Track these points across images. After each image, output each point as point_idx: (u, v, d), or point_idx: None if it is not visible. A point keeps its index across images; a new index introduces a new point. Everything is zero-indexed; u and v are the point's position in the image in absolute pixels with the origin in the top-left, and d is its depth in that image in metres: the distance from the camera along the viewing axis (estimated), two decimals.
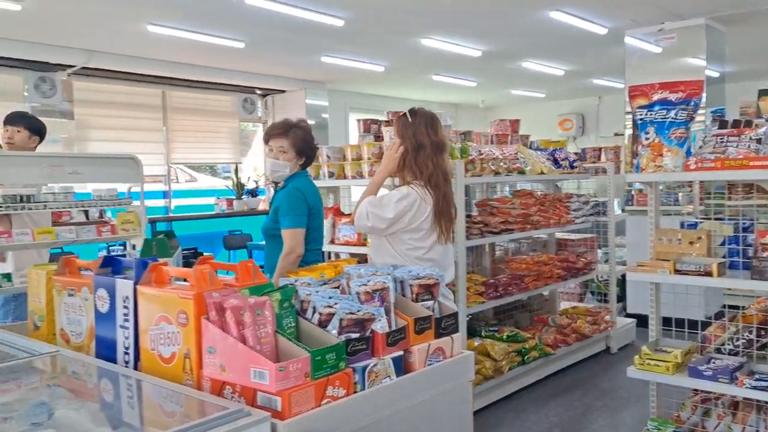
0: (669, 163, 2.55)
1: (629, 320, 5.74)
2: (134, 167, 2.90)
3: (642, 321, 5.82)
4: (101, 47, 6.66)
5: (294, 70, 8.38)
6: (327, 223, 3.91)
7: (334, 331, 1.64)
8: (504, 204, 4.40)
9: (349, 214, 3.98)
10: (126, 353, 1.86)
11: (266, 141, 3.21)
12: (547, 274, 4.64)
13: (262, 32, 6.12)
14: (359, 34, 6.31)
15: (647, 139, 2.61)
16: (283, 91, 9.28)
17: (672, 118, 2.52)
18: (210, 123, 8.88)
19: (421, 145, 2.79)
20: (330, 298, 1.71)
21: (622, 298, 6.17)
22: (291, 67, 8.09)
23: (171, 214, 8.28)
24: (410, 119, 2.78)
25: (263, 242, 3.24)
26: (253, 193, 8.58)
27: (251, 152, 9.71)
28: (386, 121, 4.31)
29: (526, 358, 4.29)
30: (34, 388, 1.79)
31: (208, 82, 8.38)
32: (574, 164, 5.16)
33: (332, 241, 3.90)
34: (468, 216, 3.96)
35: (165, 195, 8.36)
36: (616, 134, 11.45)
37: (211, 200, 8.50)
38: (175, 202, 8.52)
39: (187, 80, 8.12)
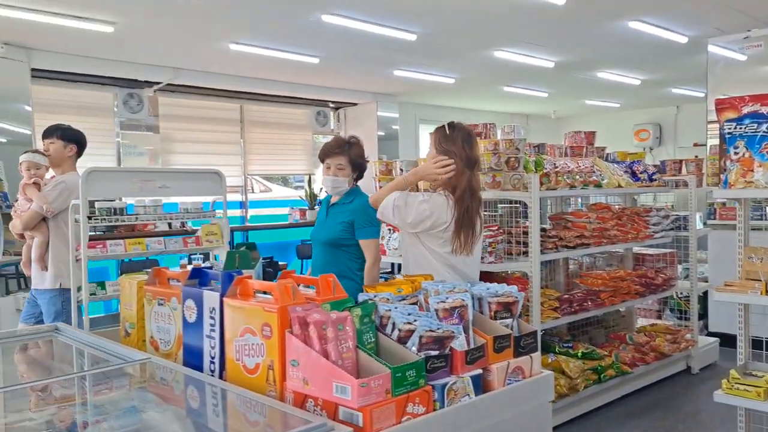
0: (761, 179, 2.43)
1: (712, 339, 5.48)
2: (218, 181, 3.02)
3: (726, 340, 5.56)
4: (185, 65, 6.98)
5: (366, 84, 8.51)
6: (399, 236, 3.93)
7: (414, 348, 1.65)
8: (579, 218, 4.30)
9: None
10: (212, 362, 1.94)
11: (322, 159, 3.30)
12: (625, 290, 4.50)
13: (337, 48, 6.26)
14: (432, 48, 6.35)
15: (736, 153, 2.50)
16: (355, 104, 9.42)
17: (764, 132, 2.41)
18: (284, 135, 9.12)
19: (468, 158, 2.79)
20: (409, 314, 1.73)
21: (703, 315, 5.91)
22: (363, 80, 8.22)
23: (247, 224, 8.54)
24: (448, 132, 2.77)
25: None
26: None
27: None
28: None
29: (602, 376, 4.16)
30: (127, 393, 1.89)
31: (284, 97, 8.62)
32: (653, 177, 4.99)
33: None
34: (542, 230, 3.90)
35: (242, 205, 8.64)
36: (696, 144, 11.01)
37: (284, 210, 8.71)
38: (251, 212, 8.79)
39: (264, 95, 8.38)
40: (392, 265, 6.55)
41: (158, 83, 7.26)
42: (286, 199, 9.86)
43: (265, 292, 1.84)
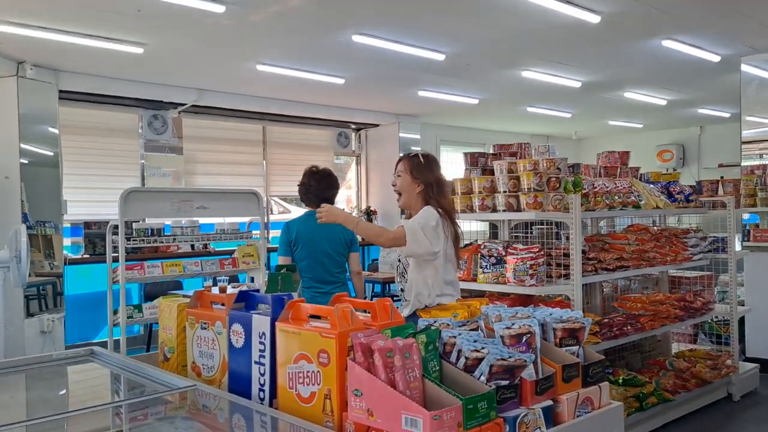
0: None
1: (751, 365, 5.30)
2: (255, 201, 2.96)
3: (765, 366, 5.38)
4: (210, 86, 7.00)
5: (389, 104, 8.49)
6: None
7: (483, 378, 1.56)
8: (617, 239, 4.19)
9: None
10: (261, 389, 1.85)
11: None
12: (664, 314, 4.36)
13: (364, 68, 6.24)
14: (459, 68, 6.31)
15: None
16: (377, 125, 9.39)
17: None
18: (306, 156, 9.07)
19: (440, 182, 3.06)
20: (475, 341, 1.63)
21: (740, 340, 5.73)
22: (386, 101, 8.20)
23: (269, 245, 8.47)
24: (423, 160, 3.03)
25: None
26: None
27: (344, 185, 9.85)
28: (493, 154, 4.24)
29: (644, 403, 4.02)
30: (176, 423, 1.80)
31: (306, 118, 8.61)
32: (690, 198, 4.88)
33: None
34: (582, 252, 3.79)
35: (260, 226, 8.57)
36: (721, 165, 10.86)
37: None
38: (272, 234, 8.73)
39: (286, 116, 8.37)
40: None
41: (182, 104, 7.27)
42: None
43: (318, 317, 1.75)
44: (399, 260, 3.10)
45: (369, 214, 9.35)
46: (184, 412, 1.85)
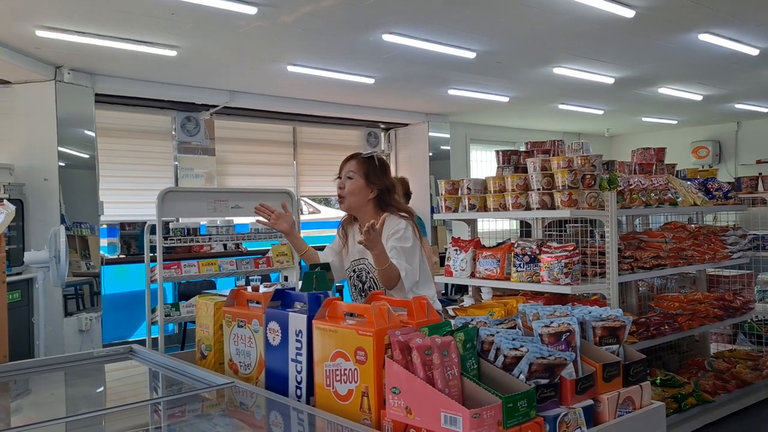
0: None
1: None
2: (289, 201, 2.97)
3: None
4: (242, 87, 7.06)
5: (418, 104, 8.47)
6: (467, 256, 3.82)
7: (522, 376, 1.54)
8: (654, 237, 4.12)
9: (490, 248, 3.88)
10: (298, 387, 1.86)
11: None
12: (702, 313, 4.27)
13: (394, 68, 6.23)
14: (490, 66, 6.27)
15: None
16: (406, 125, 9.38)
17: None
18: (336, 157, 9.07)
19: (394, 186, 2.80)
20: (514, 339, 1.62)
21: None
22: (416, 100, 8.18)
23: None
24: (378, 163, 2.75)
25: None
26: None
27: None
28: (526, 152, 4.20)
29: (683, 405, 3.94)
30: (215, 419, 1.82)
31: (336, 118, 8.64)
32: (729, 195, 4.77)
33: (472, 275, 3.80)
34: (618, 250, 3.73)
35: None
36: (760, 161, 10.60)
37: (334, 231, 8.67)
38: (303, 234, 8.78)
39: (317, 116, 8.41)
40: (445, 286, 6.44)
41: (215, 106, 7.36)
42: (336, 220, 9.83)
43: (355, 314, 1.75)
44: (354, 271, 2.75)
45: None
46: (222, 409, 1.87)
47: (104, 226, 6.76)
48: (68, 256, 5.51)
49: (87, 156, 6.19)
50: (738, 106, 9.27)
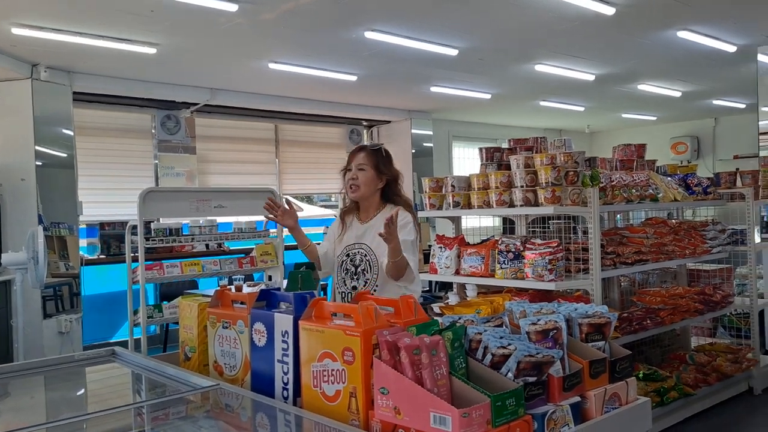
0: None
1: None
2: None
3: None
4: (223, 85, 7.00)
5: (400, 101, 8.46)
6: (452, 254, 3.83)
7: (510, 375, 1.54)
8: (635, 233, 4.15)
9: (474, 245, 3.89)
10: (285, 388, 1.84)
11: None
12: (684, 308, 4.32)
13: (376, 65, 6.22)
14: (472, 63, 6.28)
15: None
16: (389, 122, 9.37)
17: None
18: (318, 154, 9.10)
19: (399, 177, 2.92)
20: (501, 338, 1.62)
21: (759, 333, 5.66)
22: (399, 98, 8.17)
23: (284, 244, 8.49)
24: (385, 154, 2.88)
25: None
26: None
27: None
28: (509, 149, 4.21)
29: (665, 398, 3.98)
30: (199, 422, 1.80)
31: (318, 115, 8.60)
32: (708, 190, 4.82)
33: (457, 272, 3.80)
34: (600, 246, 3.75)
35: (276, 225, 8.58)
36: (737, 157, 10.73)
37: (320, 230, 8.64)
38: (286, 232, 8.73)
39: (299, 114, 8.37)
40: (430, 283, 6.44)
41: (195, 104, 7.29)
42: (319, 218, 9.81)
43: (339, 314, 1.74)
44: (348, 255, 2.81)
45: None
46: (208, 412, 1.84)
47: (83, 226, 6.66)
48: (47, 257, 5.44)
49: (65, 155, 6.10)
50: (716, 102, 9.40)
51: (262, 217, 3.12)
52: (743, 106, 9.74)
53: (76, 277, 6.10)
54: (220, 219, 2.97)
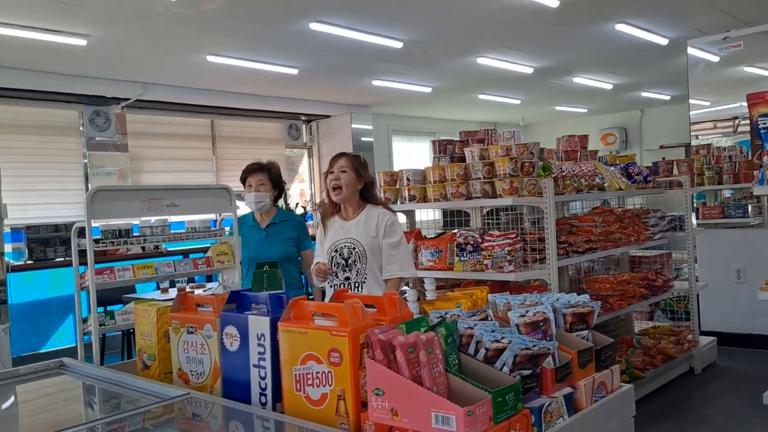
0: None
1: (709, 338, 5.48)
2: (227, 197, 2.82)
3: (721, 339, 5.57)
4: (155, 79, 6.71)
5: (340, 95, 8.37)
6: (408, 248, 3.78)
7: (506, 368, 1.50)
8: (584, 222, 4.23)
9: (431, 238, 3.86)
10: (263, 394, 1.74)
11: (243, 180, 3.76)
12: (631, 293, 4.44)
13: (319, 58, 6.10)
14: (415, 56, 6.26)
15: None
16: (328, 116, 9.26)
17: None
18: (257, 150, 8.88)
19: (374, 181, 3.30)
20: (493, 331, 1.57)
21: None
22: (339, 91, 8.07)
23: None
24: (362, 161, 3.17)
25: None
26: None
27: (297, 178, 9.68)
28: (461, 141, 4.20)
29: None
30: None
31: (256, 110, 8.39)
32: (648, 179, 4.98)
33: (415, 266, 3.75)
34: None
35: (215, 224, 8.33)
36: (662, 147, 11.22)
37: None
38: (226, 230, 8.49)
39: (235, 109, 8.14)
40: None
41: (126, 99, 6.95)
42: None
43: (320, 314, 1.66)
44: (336, 250, 3.05)
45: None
46: (184, 424, 1.72)
47: (8, 230, 6.24)
48: None
49: None
50: (643, 94, 9.77)
51: (215, 216, 2.98)
52: (668, 97, 10.17)
53: (2, 285, 5.70)
54: (171, 218, 2.81)
